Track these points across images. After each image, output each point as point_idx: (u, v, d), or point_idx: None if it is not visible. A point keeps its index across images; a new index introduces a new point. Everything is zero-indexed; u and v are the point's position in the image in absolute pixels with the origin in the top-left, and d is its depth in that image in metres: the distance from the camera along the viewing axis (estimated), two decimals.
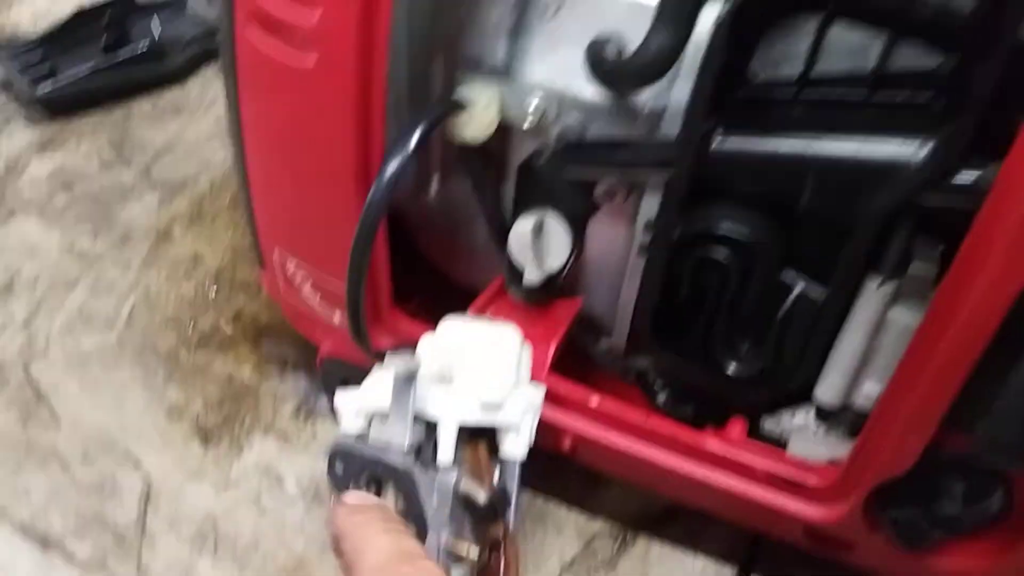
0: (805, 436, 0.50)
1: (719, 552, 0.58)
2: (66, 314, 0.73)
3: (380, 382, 0.51)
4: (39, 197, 0.81)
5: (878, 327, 0.44)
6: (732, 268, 0.44)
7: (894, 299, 0.43)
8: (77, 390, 0.68)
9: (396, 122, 0.53)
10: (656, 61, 0.40)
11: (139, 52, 0.87)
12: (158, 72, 0.88)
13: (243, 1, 0.46)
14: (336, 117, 0.47)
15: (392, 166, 0.47)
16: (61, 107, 0.86)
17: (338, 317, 0.58)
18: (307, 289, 0.58)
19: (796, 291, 0.44)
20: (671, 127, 0.45)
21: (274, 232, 0.57)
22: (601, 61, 0.43)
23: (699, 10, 0.40)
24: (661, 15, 0.40)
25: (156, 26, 0.88)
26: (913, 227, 0.42)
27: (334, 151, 0.48)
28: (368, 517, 0.40)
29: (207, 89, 0.89)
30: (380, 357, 0.50)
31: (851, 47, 0.42)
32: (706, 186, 0.45)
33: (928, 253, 0.43)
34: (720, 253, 0.45)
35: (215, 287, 0.74)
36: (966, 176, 0.39)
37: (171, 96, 0.88)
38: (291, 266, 0.57)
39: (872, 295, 0.43)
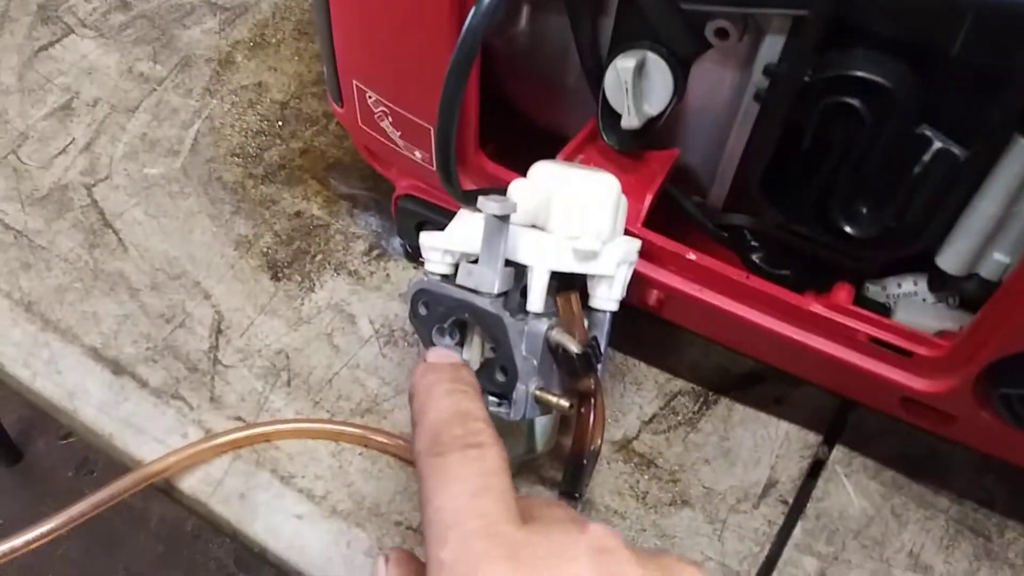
0: (914, 304, 0.48)
1: (803, 419, 0.57)
2: (129, 139, 0.70)
3: (468, 224, 0.49)
4: (95, 16, 0.77)
5: (1020, 191, 0.40)
6: (868, 117, 0.41)
7: None
8: (143, 216, 0.66)
9: None
10: None
11: None
12: None
13: None
14: None
15: None
16: None
17: (419, 155, 0.55)
18: (387, 125, 0.55)
19: (935, 147, 0.41)
20: None
21: (355, 64, 0.53)
22: None
23: None
24: None
25: None
26: None
27: None
28: (438, 377, 0.41)
29: None
30: (469, 200, 0.47)
31: None
32: (842, 27, 0.40)
33: None
34: (855, 99, 0.41)
35: (281, 120, 0.71)
36: None
37: None
38: (371, 101, 0.54)
39: (1019, 155, 0.40)
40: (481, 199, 0.45)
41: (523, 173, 0.50)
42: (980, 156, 0.40)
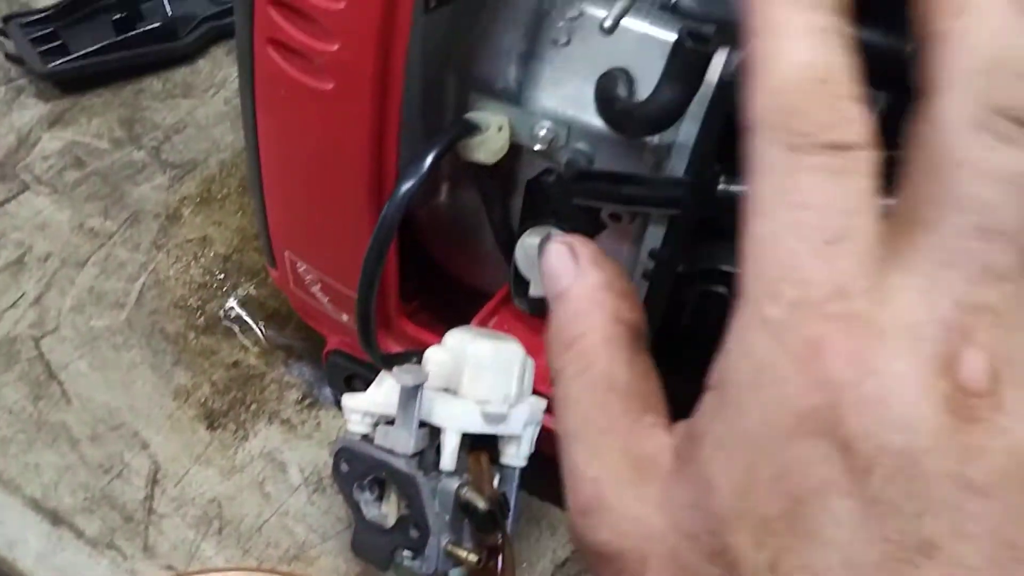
0: None
1: None
2: (77, 292, 0.74)
3: (387, 388, 0.53)
4: (50, 173, 0.82)
5: None
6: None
7: None
8: (87, 369, 0.70)
9: (409, 139, 0.54)
10: (662, 115, 0.42)
11: (151, 29, 0.87)
12: (169, 51, 0.88)
13: (261, 26, 0.47)
14: (351, 138, 0.48)
15: (405, 187, 0.48)
16: (72, 83, 0.86)
17: (346, 318, 0.60)
18: (316, 291, 0.60)
19: None
20: (678, 164, 0.46)
21: (286, 237, 0.58)
22: (610, 102, 0.45)
23: (705, 70, 0.41)
24: (668, 73, 0.41)
25: (169, 3, 0.89)
26: None
27: (348, 170, 0.50)
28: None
29: (217, 69, 0.89)
30: (389, 365, 0.52)
31: None
32: (711, 224, 0.46)
33: None
34: (725, 288, 0.46)
35: (223, 272, 0.76)
36: None
37: (181, 75, 0.89)
38: (301, 269, 0.59)
39: None
40: (396, 370, 0.49)
41: (449, 326, 0.55)
42: None
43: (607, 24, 0.39)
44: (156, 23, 0.88)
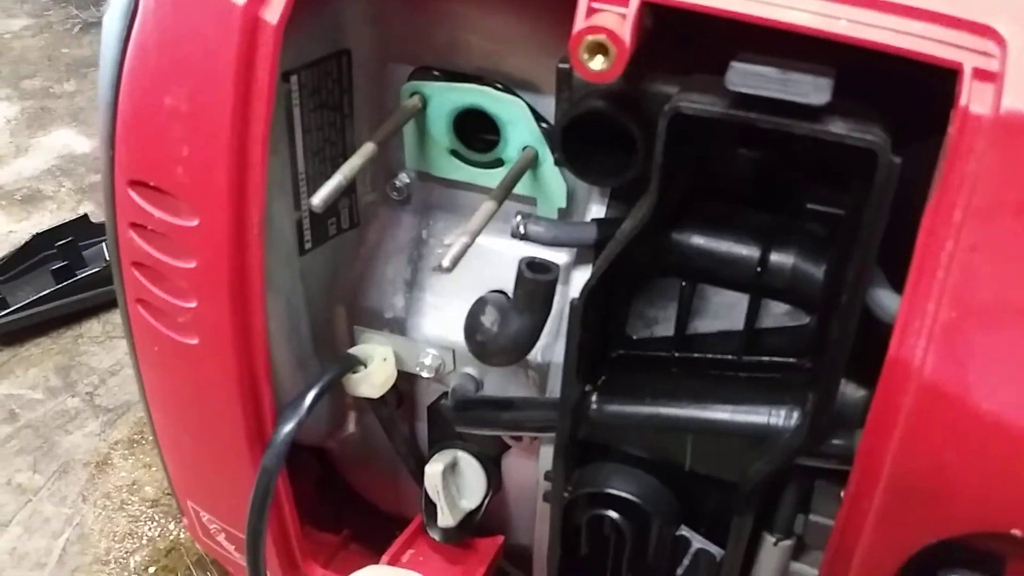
0: None
1: None
2: None
3: None
4: None
5: None
6: (625, 527, 0.43)
7: (798, 551, 0.42)
8: None
9: (303, 373, 0.53)
10: (514, 345, 0.41)
11: (91, 275, 0.88)
12: (110, 294, 0.89)
13: (131, 286, 0.47)
14: (223, 387, 0.47)
15: (285, 430, 0.47)
16: (10, 336, 0.87)
17: None
18: (222, 539, 0.57)
19: (694, 548, 0.43)
20: (556, 383, 0.45)
21: (186, 487, 0.56)
22: (472, 333, 0.44)
23: (550, 296, 0.40)
24: (515, 304, 0.40)
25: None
26: (802, 485, 0.41)
27: (224, 417, 0.48)
28: None
29: None
30: None
31: (722, 305, 0.43)
32: (594, 445, 0.44)
33: (828, 500, 0.42)
34: (612, 513, 0.44)
35: (150, 519, 0.73)
36: (835, 442, 0.38)
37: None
38: (205, 518, 0.57)
39: (771, 551, 0.42)
40: None
41: (381, 551, 0.52)
42: (734, 555, 0.42)
43: (445, 264, 0.39)
44: (97, 267, 0.90)
